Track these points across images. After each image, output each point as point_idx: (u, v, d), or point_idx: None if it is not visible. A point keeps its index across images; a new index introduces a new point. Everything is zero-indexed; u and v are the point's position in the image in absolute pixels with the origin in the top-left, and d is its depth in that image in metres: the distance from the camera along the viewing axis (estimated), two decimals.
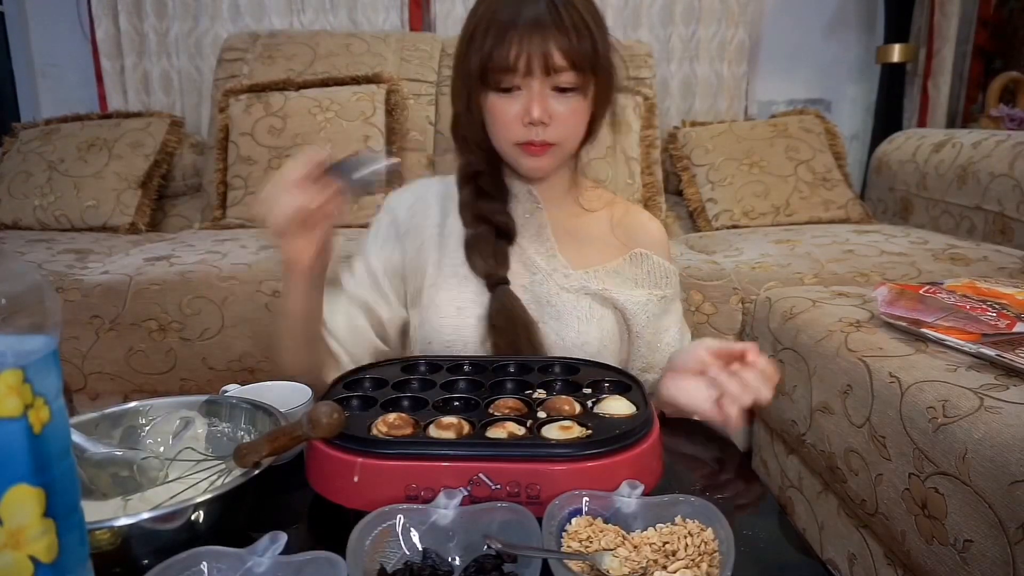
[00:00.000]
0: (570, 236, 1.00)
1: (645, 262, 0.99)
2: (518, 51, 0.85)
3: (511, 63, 0.86)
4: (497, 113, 0.90)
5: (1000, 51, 2.58)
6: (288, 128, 2.08)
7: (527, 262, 0.97)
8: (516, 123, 0.90)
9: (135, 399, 0.76)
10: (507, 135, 0.91)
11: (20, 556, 0.38)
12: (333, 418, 0.57)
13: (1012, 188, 1.71)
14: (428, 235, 0.99)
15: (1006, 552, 0.75)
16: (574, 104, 0.90)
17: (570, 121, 0.91)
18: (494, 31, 0.87)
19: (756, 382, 0.75)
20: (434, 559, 0.53)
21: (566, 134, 0.92)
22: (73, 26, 2.63)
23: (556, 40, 0.85)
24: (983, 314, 0.99)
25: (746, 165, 2.20)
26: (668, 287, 1.00)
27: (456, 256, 0.96)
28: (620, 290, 0.97)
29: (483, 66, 0.88)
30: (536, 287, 0.96)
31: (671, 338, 1.00)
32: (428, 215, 1.01)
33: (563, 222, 1.00)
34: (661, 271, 1.00)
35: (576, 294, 0.95)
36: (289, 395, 0.82)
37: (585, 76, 0.88)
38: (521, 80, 0.87)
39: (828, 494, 1.20)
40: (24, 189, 2.15)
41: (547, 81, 0.88)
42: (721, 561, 0.51)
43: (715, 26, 2.58)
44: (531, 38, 0.85)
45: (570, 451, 0.60)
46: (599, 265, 0.98)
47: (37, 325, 0.38)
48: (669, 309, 1.01)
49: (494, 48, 0.86)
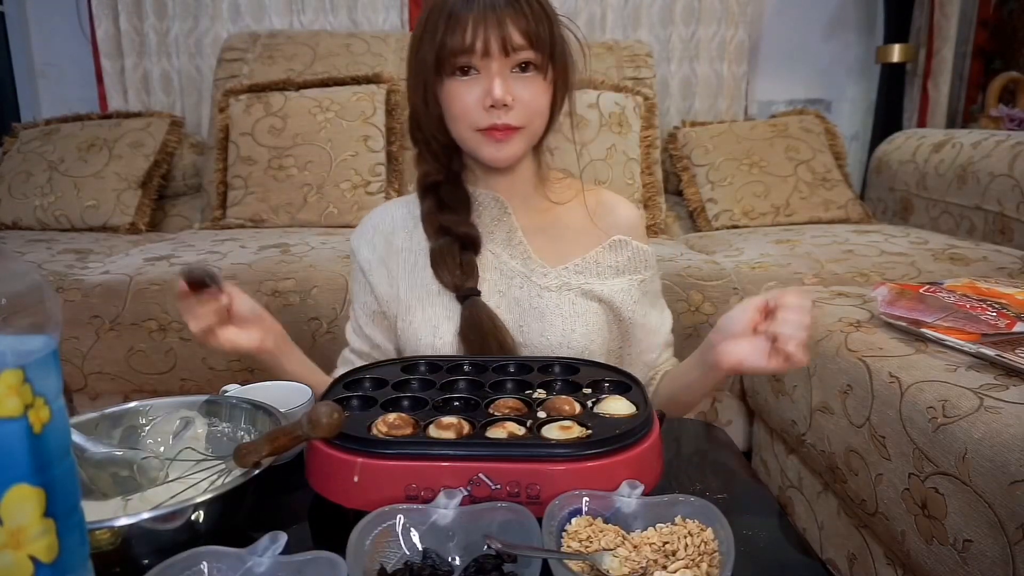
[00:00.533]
0: (543, 233, 0.98)
1: (625, 248, 0.98)
2: (474, 34, 0.84)
3: (467, 44, 0.84)
4: (456, 99, 0.88)
5: (1000, 51, 2.58)
6: (288, 128, 2.08)
7: (502, 268, 0.95)
8: (477, 108, 0.87)
9: (135, 399, 0.76)
10: (468, 121, 0.88)
11: (20, 556, 0.38)
12: (333, 418, 0.57)
13: (1012, 188, 1.71)
14: (394, 263, 0.98)
15: (1006, 552, 0.75)
16: (535, 86, 0.88)
17: (533, 103, 0.88)
18: (447, 16, 0.85)
19: (799, 317, 0.75)
20: (434, 559, 0.53)
21: (530, 116, 0.89)
22: (73, 26, 2.63)
23: (513, 20, 0.84)
24: (983, 314, 0.99)
25: (746, 165, 2.20)
26: (647, 269, 1.00)
27: (428, 272, 0.95)
28: (602, 280, 0.96)
29: (438, 52, 0.86)
30: (515, 291, 0.94)
31: (657, 317, 1.01)
32: (391, 242, 0.99)
33: (534, 220, 0.99)
34: (641, 256, 0.99)
35: (558, 291, 0.94)
36: (289, 395, 0.82)
37: (542, 56, 0.87)
38: (479, 61, 0.85)
39: (828, 494, 1.20)
40: (24, 189, 2.15)
41: (506, 62, 0.85)
42: (721, 561, 0.51)
43: (715, 26, 2.58)
44: (487, 19, 0.84)
45: (570, 451, 0.60)
46: (577, 258, 0.97)
47: (37, 325, 0.38)
48: (649, 290, 1.01)
49: (448, 33, 0.85)
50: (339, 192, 2.04)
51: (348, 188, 2.04)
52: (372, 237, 1.00)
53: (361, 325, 1.01)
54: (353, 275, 1.03)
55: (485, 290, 0.94)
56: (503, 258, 0.96)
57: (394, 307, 0.97)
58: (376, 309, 0.98)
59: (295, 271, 1.56)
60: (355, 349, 1.02)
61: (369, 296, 0.99)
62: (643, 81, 2.30)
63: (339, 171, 2.05)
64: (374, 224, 1.01)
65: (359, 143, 2.08)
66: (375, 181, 2.07)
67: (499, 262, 0.95)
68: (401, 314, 0.95)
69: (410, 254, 0.97)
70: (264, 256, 1.64)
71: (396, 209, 1.02)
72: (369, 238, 1.00)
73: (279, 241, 1.75)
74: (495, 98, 0.85)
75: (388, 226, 1.00)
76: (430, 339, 0.92)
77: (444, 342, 0.91)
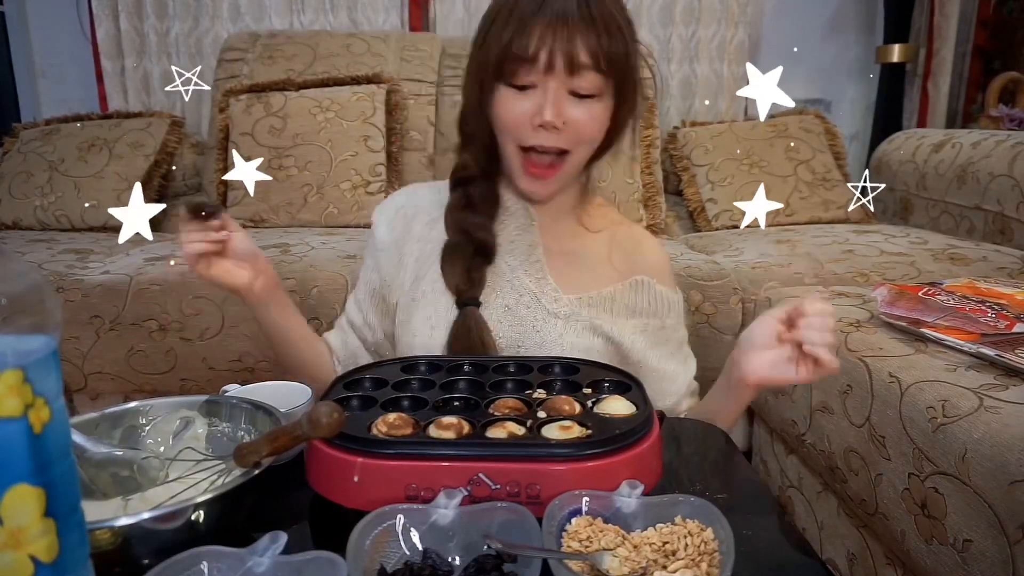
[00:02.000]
0: (565, 257, 0.94)
1: (646, 291, 0.93)
2: (540, 44, 0.79)
3: (531, 55, 0.79)
4: (507, 109, 0.84)
5: (1000, 51, 2.59)
6: (288, 128, 2.08)
7: (514, 282, 0.92)
8: (526, 123, 0.83)
9: (135, 399, 0.75)
10: (514, 135, 0.85)
11: (20, 556, 0.38)
12: (333, 418, 0.57)
13: (1012, 188, 1.71)
14: (408, 249, 0.95)
15: (1006, 552, 0.75)
16: (593, 109, 0.84)
17: (586, 128, 0.84)
18: (516, 19, 0.80)
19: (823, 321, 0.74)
20: (434, 559, 0.53)
21: (579, 141, 0.85)
22: (73, 26, 2.64)
23: (583, 36, 0.79)
24: (982, 316, 0.99)
25: (746, 165, 2.20)
26: (669, 316, 0.95)
27: (438, 267, 0.92)
28: (613, 318, 0.92)
29: (500, 57, 0.81)
30: (521, 309, 0.91)
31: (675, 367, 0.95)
32: (411, 227, 0.96)
33: (560, 241, 0.95)
34: (663, 301, 0.94)
35: (564, 320, 0.90)
36: (289, 395, 0.82)
37: (608, 80, 0.82)
38: (539, 77, 0.81)
39: (828, 494, 1.20)
40: (24, 189, 2.15)
41: (567, 82, 0.81)
42: (721, 561, 0.51)
43: (715, 26, 2.58)
44: (556, 31, 0.79)
45: (570, 451, 0.60)
46: (593, 291, 0.92)
47: (37, 325, 0.38)
48: (671, 338, 0.95)
49: (514, 38, 0.80)
50: (339, 192, 2.04)
51: (348, 188, 2.05)
52: (393, 218, 0.98)
53: (360, 299, 1.00)
54: (367, 247, 1.02)
55: (491, 301, 0.91)
56: (518, 272, 0.92)
57: (396, 294, 0.95)
58: (377, 288, 0.98)
59: (295, 271, 1.56)
60: (351, 319, 1.01)
61: (374, 274, 0.98)
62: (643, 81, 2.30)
63: (339, 171, 2.05)
64: (399, 205, 0.99)
65: (359, 143, 2.08)
66: (375, 181, 2.07)
67: (513, 275, 0.92)
68: (402, 305, 0.94)
69: (426, 244, 0.95)
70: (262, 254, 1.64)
71: (425, 194, 0.99)
72: (390, 218, 0.98)
73: (279, 241, 1.75)
74: (545, 120, 0.81)
75: (412, 210, 0.98)
76: (425, 338, 0.90)
77: (437, 343, 0.90)
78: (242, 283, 0.86)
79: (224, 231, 0.84)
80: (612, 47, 0.81)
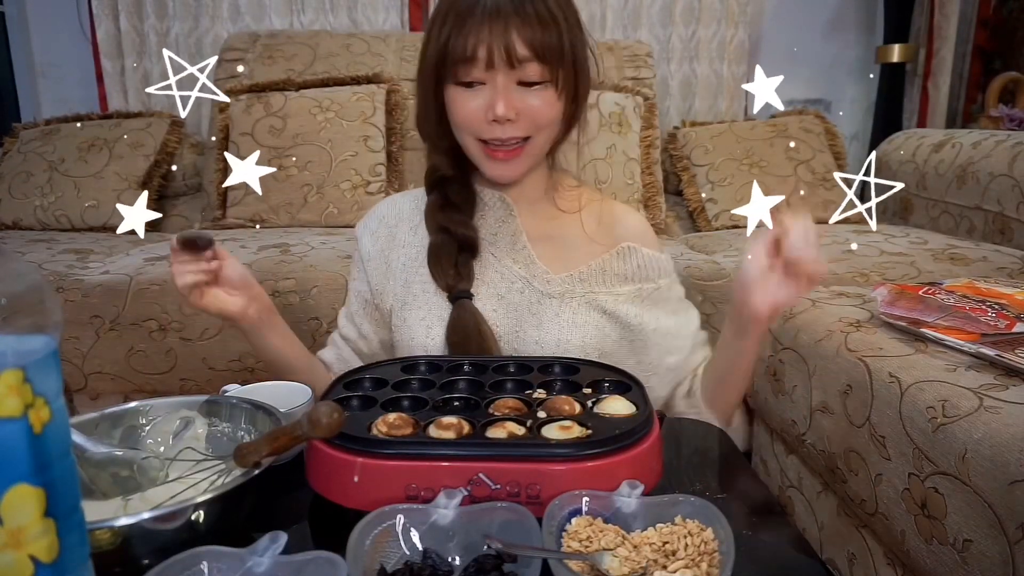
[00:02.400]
0: (549, 240, 0.96)
1: (633, 256, 0.95)
2: (477, 41, 0.80)
3: (470, 53, 0.81)
4: (458, 107, 0.85)
5: (1000, 51, 2.58)
6: (288, 128, 2.08)
7: (503, 271, 0.93)
8: (480, 119, 0.84)
9: (135, 399, 0.76)
10: (470, 130, 0.86)
11: (20, 556, 0.38)
12: (333, 418, 0.57)
13: (1012, 188, 1.71)
14: (394, 256, 0.97)
15: (1006, 552, 0.75)
16: (544, 96, 0.84)
17: (541, 114, 0.85)
18: (453, 18, 0.81)
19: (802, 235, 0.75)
20: (434, 559, 0.53)
21: (536, 127, 0.86)
22: (73, 26, 2.63)
23: (519, 29, 0.80)
24: (982, 315, 0.99)
25: (746, 165, 2.20)
26: (662, 276, 0.97)
27: (427, 270, 0.94)
28: (608, 288, 0.94)
29: (441, 57, 0.83)
30: (514, 296, 0.93)
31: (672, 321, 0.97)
32: (395, 235, 0.98)
33: (540, 226, 0.96)
34: (652, 263, 0.96)
35: (560, 299, 0.92)
36: (289, 395, 0.82)
37: (553, 68, 0.83)
38: (483, 73, 0.82)
39: (828, 494, 1.20)
40: (24, 189, 2.15)
41: (512, 74, 0.82)
42: (721, 561, 0.51)
43: (715, 26, 2.58)
44: (492, 27, 0.80)
45: (570, 451, 0.60)
46: (583, 265, 0.94)
47: (37, 325, 0.38)
48: (668, 297, 0.98)
49: (452, 37, 0.81)
50: (339, 192, 2.04)
51: (348, 188, 2.05)
52: (376, 228, 1.00)
53: (352, 312, 1.01)
54: (353, 261, 1.03)
55: (483, 293, 0.93)
56: (505, 262, 0.94)
57: (388, 301, 0.96)
58: (369, 299, 0.98)
59: (295, 271, 1.56)
60: (344, 334, 1.02)
61: (364, 286, 0.99)
62: (643, 81, 2.30)
63: (339, 171, 2.05)
64: (380, 215, 1.01)
65: (359, 143, 2.08)
66: (375, 181, 2.07)
67: (501, 265, 0.94)
68: (396, 310, 0.95)
69: (411, 249, 0.97)
70: (264, 256, 1.64)
71: (404, 202, 1.01)
72: (373, 229, 1.00)
73: (279, 241, 1.75)
74: (497, 115, 0.82)
75: (394, 219, 1.00)
76: (423, 338, 0.92)
77: (435, 343, 0.91)
78: (235, 311, 0.87)
79: (215, 260, 0.85)
80: (548, 36, 0.81)
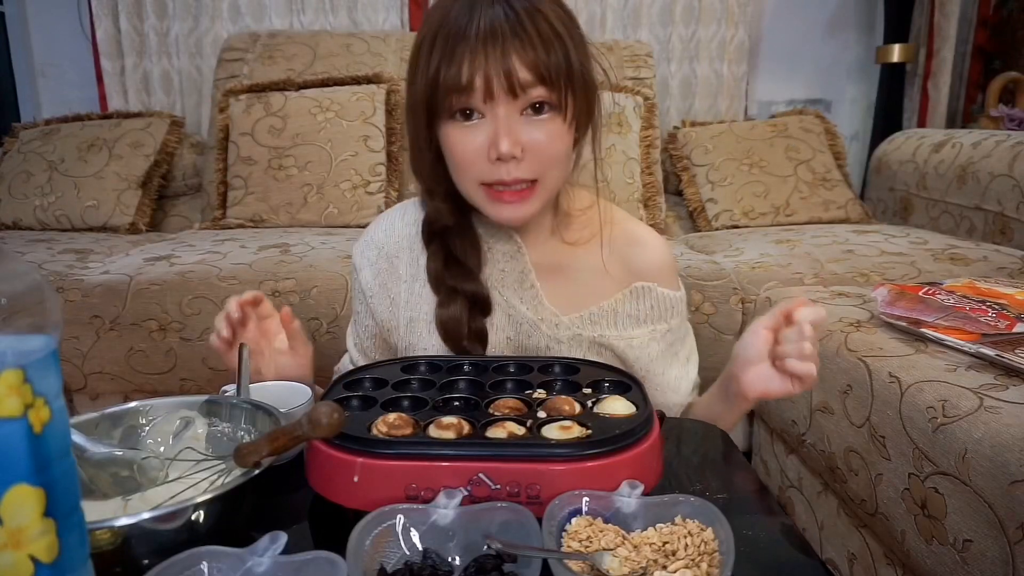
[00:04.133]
0: (559, 274, 0.89)
1: (647, 296, 0.88)
2: (472, 68, 0.70)
3: (465, 82, 0.71)
4: (456, 147, 0.75)
5: (1000, 51, 2.58)
6: (288, 128, 2.08)
7: (511, 313, 0.88)
8: (480, 160, 0.74)
9: (135, 399, 0.75)
10: (471, 173, 0.76)
11: (20, 556, 0.38)
12: (333, 418, 0.56)
13: (1012, 188, 1.71)
14: (396, 290, 0.92)
15: (1006, 552, 0.75)
16: (552, 128, 0.75)
17: (549, 150, 0.75)
18: (442, 44, 0.72)
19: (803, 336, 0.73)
20: (434, 559, 0.53)
21: (545, 166, 0.76)
22: (73, 26, 2.63)
23: (519, 52, 0.70)
24: (983, 315, 0.99)
25: (746, 165, 2.20)
26: (673, 317, 0.91)
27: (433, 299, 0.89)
28: (619, 330, 0.89)
29: (431, 89, 0.73)
30: (523, 339, 0.88)
31: (678, 371, 0.93)
32: (395, 269, 0.92)
33: (549, 258, 0.89)
34: (666, 303, 0.89)
35: (568, 343, 0.87)
36: (289, 395, 0.82)
37: (560, 93, 0.73)
38: (481, 105, 0.73)
39: (828, 494, 1.20)
40: (24, 189, 2.15)
41: (514, 104, 0.73)
42: (721, 561, 0.51)
43: (715, 26, 2.58)
44: (488, 51, 0.70)
45: (570, 451, 0.60)
46: (593, 306, 0.88)
47: (37, 325, 0.38)
48: (675, 341, 0.93)
49: (443, 65, 0.71)
50: (339, 192, 2.04)
51: (348, 188, 2.05)
52: (376, 260, 0.92)
53: (363, 345, 0.98)
54: (354, 292, 0.97)
55: (492, 336, 0.89)
56: (513, 302, 0.88)
57: (395, 334, 0.93)
58: (377, 332, 0.95)
59: (295, 271, 1.56)
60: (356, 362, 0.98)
61: (370, 320, 0.94)
62: (643, 81, 2.30)
63: (339, 171, 2.05)
64: (378, 244, 0.93)
65: (359, 143, 2.08)
66: (375, 181, 2.07)
67: (509, 306, 0.89)
68: (402, 342, 0.93)
69: (413, 283, 0.91)
70: (264, 256, 1.64)
71: (401, 226, 0.92)
72: (372, 260, 0.93)
73: (279, 241, 1.75)
74: (501, 152, 0.72)
75: (393, 248, 0.92)
76: None
77: None
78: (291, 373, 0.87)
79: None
80: (553, 57, 0.72)
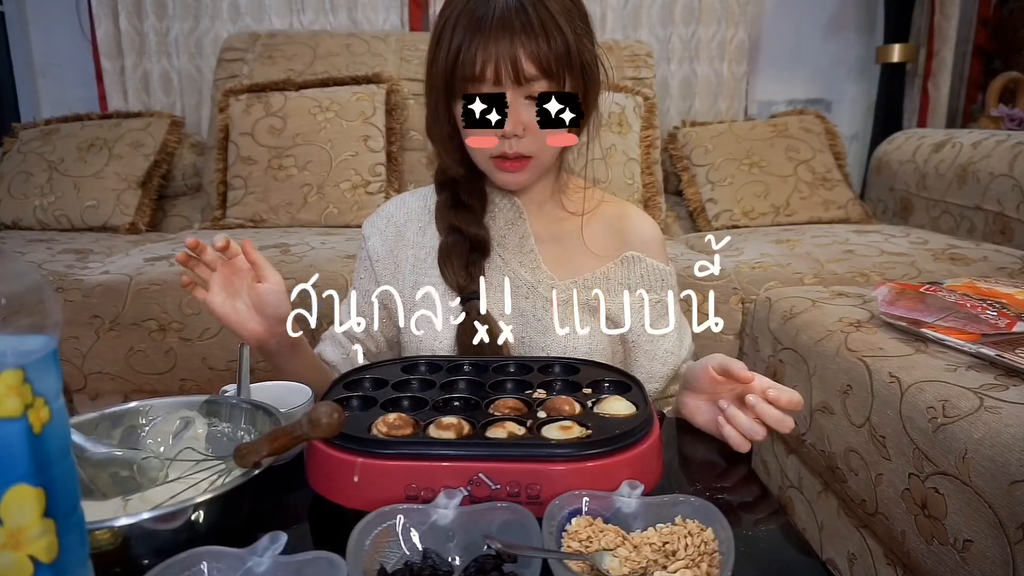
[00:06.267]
0: (557, 243, 0.97)
1: (637, 265, 0.96)
2: (484, 58, 0.81)
3: (478, 72, 0.81)
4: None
5: (1000, 51, 2.58)
6: (288, 128, 2.08)
7: (511, 275, 0.94)
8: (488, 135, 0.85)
9: (135, 399, 0.76)
10: (479, 147, 0.88)
11: (20, 556, 0.38)
12: (333, 418, 0.57)
13: (1012, 188, 1.71)
14: (402, 256, 0.98)
15: (1006, 552, 0.75)
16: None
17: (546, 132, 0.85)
18: (460, 34, 0.82)
19: (772, 416, 0.74)
20: (434, 559, 0.53)
21: (542, 144, 0.87)
22: (73, 26, 2.64)
23: (524, 45, 0.80)
24: (983, 313, 0.99)
25: (746, 165, 2.20)
26: (663, 289, 0.97)
27: (436, 270, 0.94)
28: (611, 297, 0.94)
29: (451, 68, 0.83)
30: (520, 301, 0.93)
31: (670, 344, 0.97)
32: (403, 235, 0.98)
33: (549, 228, 0.97)
34: (655, 274, 0.97)
35: (563, 307, 0.92)
36: (289, 395, 0.82)
37: (560, 82, 0.83)
38: (491, 90, 0.83)
39: (828, 494, 1.20)
40: (24, 189, 2.15)
41: (519, 90, 0.83)
42: (721, 561, 0.51)
43: (715, 26, 2.58)
44: (498, 43, 0.80)
45: (570, 451, 0.60)
46: (588, 272, 0.95)
47: (37, 325, 0.38)
48: (664, 313, 0.98)
49: (463, 49, 0.81)
50: (339, 192, 2.04)
51: (348, 188, 2.05)
52: (385, 227, 1.00)
53: (359, 310, 1.00)
54: (359, 260, 1.03)
55: (491, 297, 0.91)
56: (512, 265, 0.95)
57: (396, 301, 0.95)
58: (378, 297, 0.97)
59: (295, 271, 1.56)
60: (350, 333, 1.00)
61: (373, 285, 0.99)
62: (643, 81, 2.30)
63: (339, 171, 2.05)
64: (388, 214, 1.01)
65: (359, 143, 2.08)
66: (375, 181, 2.07)
67: (508, 268, 0.95)
68: (404, 310, 0.94)
69: (420, 250, 0.97)
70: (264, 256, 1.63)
71: (413, 201, 1.01)
72: (381, 227, 1.00)
73: (279, 241, 1.75)
74: (505, 131, 0.83)
75: (402, 218, 1.00)
76: (431, 340, 0.92)
77: (444, 344, 0.91)
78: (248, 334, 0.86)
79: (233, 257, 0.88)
80: (555, 50, 0.81)
